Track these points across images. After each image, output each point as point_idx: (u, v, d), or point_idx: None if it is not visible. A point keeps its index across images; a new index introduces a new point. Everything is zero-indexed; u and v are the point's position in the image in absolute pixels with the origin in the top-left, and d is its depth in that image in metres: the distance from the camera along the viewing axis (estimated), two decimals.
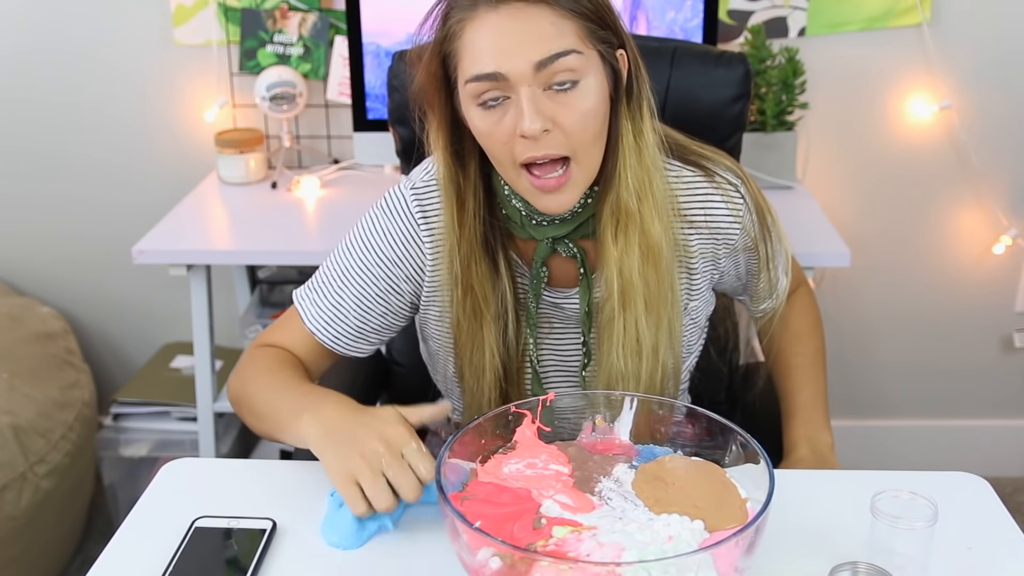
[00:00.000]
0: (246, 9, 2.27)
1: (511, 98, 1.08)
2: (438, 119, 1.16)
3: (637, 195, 1.15)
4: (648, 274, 1.17)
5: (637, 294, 1.17)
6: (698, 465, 1.02)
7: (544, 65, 1.05)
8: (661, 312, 1.20)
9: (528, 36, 1.05)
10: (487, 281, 1.21)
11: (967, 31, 2.25)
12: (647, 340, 1.19)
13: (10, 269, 2.51)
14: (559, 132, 1.08)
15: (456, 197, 1.18)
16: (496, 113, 1.09)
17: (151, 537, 1.06)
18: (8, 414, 1.97)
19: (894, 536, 0.96)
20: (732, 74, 1.59)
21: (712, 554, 0.84)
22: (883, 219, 2.40)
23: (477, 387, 1.25)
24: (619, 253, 1.16)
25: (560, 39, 1.06)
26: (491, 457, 1.03)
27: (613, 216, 1.16)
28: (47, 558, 2.11)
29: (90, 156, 2.41)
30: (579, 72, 1.07)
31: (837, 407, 2.54)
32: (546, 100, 1.07)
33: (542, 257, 1.22)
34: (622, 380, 1.21)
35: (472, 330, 1.22)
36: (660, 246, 1.17)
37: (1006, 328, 2.50)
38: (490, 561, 0.86)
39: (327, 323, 1.27)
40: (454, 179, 1.18)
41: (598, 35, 1.09)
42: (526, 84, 1.06)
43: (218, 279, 2.33)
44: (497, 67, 1.06)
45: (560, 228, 1.19)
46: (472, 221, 1.19)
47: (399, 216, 1.24)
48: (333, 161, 2.37)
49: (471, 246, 1.19)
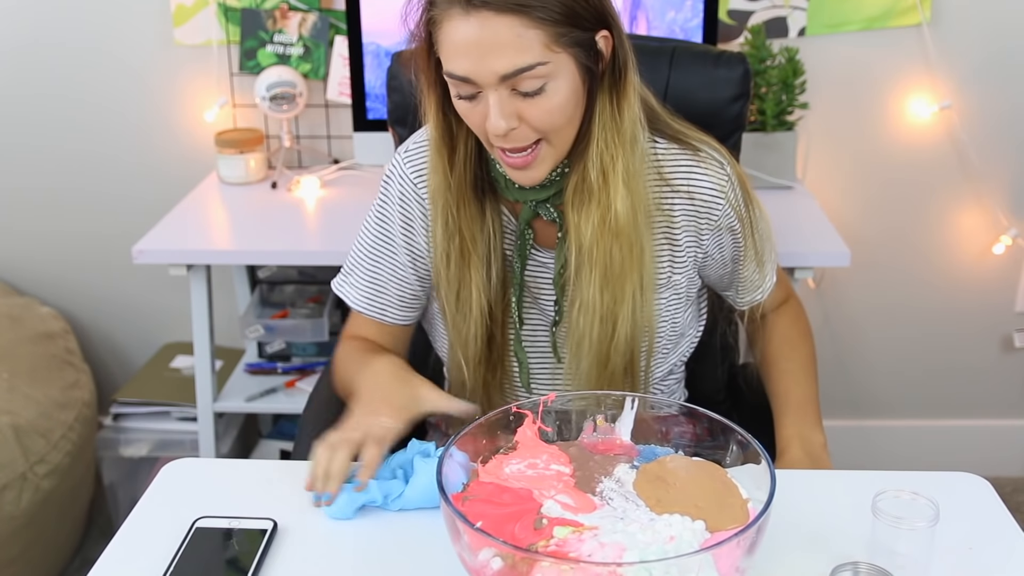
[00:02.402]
0: (246, 9, 2.27)
1: (483, 92, 1.13)
2: (429, 81, 1.21)
3: (602, 170, 1.19)
4: (609, 247, 1.22)
5: (595, 264, 1.23)
6: (699, 465, 1.02)
7: (508, 77, 1.10)
8: (624, 285, 1.24)
9: (495, 48, 1.09)
10: (475, 223, 1.27)
11: (967, 31, 2.25)
12: (602, 307, 1.24)
13: (10, 269, 2.51)
14: (526, 127, 1.14)
15: (448, 146, 1.24)
16: (470, 103, 1.15)
17: (151, 537, 1.06)
18: (8, 414, 1.97)
19: (895, 536, 0.96)
20: (732, 74, 1.59)
21: (713, 554, 0.84)
22: (883, 219, 2.40)
23: (464, 323, 1.31)
24: (578, 222, 1.22)
25: (526, 52, 1.09)
26: (492, 457, 1.03)
27: (575, 189, 1.22)
28: (47, 558, 2.11)
29: (90, 156, 2.41)
30: (547, 77, 1.11)
31: (837, 407, 2.56)
32: (513, 100, 1.12)
33: (526, 219, 1.29)
34: (582, 340, 1.27)
35: (460, 269, 1.29)
36: (623, 220, 1.21)
37: (1006, 328, 2.50)
38: (491, 561, 0.86)
39: (370, 300, 1.37)
40: (445, 132, 1.24)
41: (568, 38, 1.11)
42: (493, 88, 1.11)
43: (218, 279, 2.33)
44: (466, 72, 1.11)
45: (540, 193, 1.25)
46: (462, 166, 1.25)
47: (398, 180, 1.33)
48: (333, 161, 2.37)
49: (461, 189, 1.25)
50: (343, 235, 2.03)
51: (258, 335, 2.27)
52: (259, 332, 2.26)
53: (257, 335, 2.27)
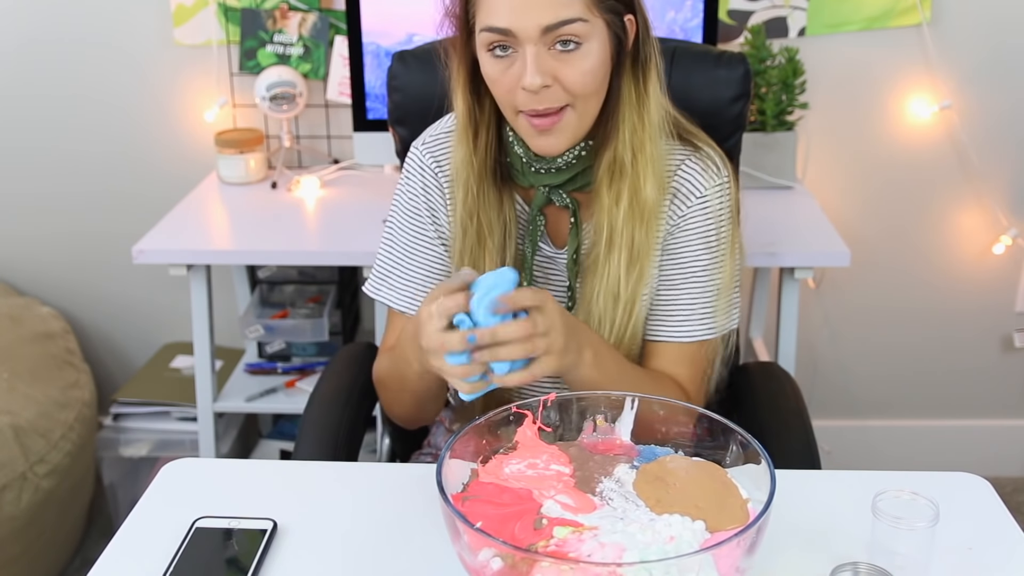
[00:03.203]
0: (246, 9, 2.27)
1: (518, 51, 1.16)
2: (459, 58, 1.24)
3: (632, 151, 1.23)
4: (635, 228, 1.25)
5: (623, 243, 1.25)
6: (699, 465, 1.02)
7: (551, 29, 1.14)
8: (643, 267, 1.27)
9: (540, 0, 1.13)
10: (492, 209, 1.29)
11: (967, 31, 2.25)
12: (625, 289, 1.26)
13: (10, 269, 2.51)
14: (558, 87, 1.17)
15: (473, 129, 1.27)
16: (504, 62, 1.17)
17: (151, 537, 1.06)
18: (8, 414, 1.97)
19: (895, 536, 0.96)
20: (732, 74, 1.59)
21: (714, 555, 0.84)
22: (883, 219, 2.41)
23: None
24: (610, 202, 1.25)
25: (569, 6, 1.14)
26: (492, 457, 1.03)
27: (609, 168, 1.24)
28: (47, 558, 2.11)
29: (90, 156, 2.41)
30: (583, 37, 1.15)
31: (837, 407, 2.56)
32: (549, 58, 1.15)
33: (539, 205, 1.30)
34: (600, 323, 1.28)
35: (475, 256, 1.30)
36: (648, 203, 1.25)
37: (1006, 328, 2.50)
38: (491, 562, 0.86)
39: (412, 298, 1.36)
40: (471, 113, 1.27)
41: (606, 4, 1.17)
42: (532, 43, 1.14)
43: (218, 279, 2.33)
44: (508, 23, 1.14)
45: (556, 177, 1.27)
46: (484, 152, 1.28)
47: (418, 172, 1.36)
48: (333, 161, 2.37)
49: (481, 175, 1.28)
50: (343, 235, 2.04)
51: (258, 335, 2.27)
52: (259, 332, 2.26)
53: (257, 335, 2.27)
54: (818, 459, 1.40)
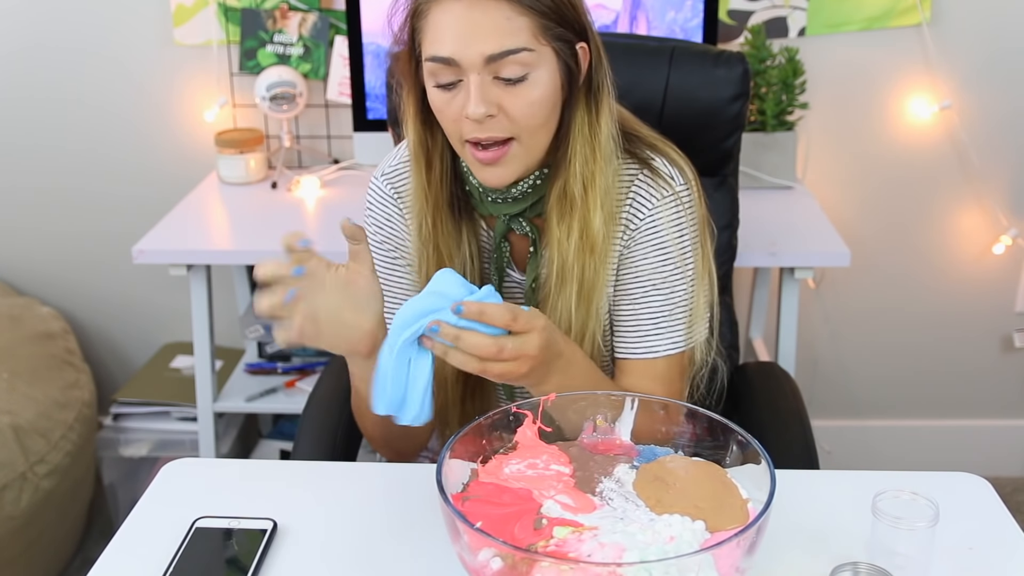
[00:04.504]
0: (246, 9, 2.27)
1: (463, 81, 1.13)
2: (408, 87, 1.21)
3: (583, 183, 1.19)
4: (584, 261, 1.22)
5: (572, 278, 1.22)
6: (699, 465, 1.02)
7: (495, 59, 1.11)
8: (592, 299, 1.24)
9: (484, 28, 1.10)
10: (451, 238, 1.27)
11: (967, 31, 2.25)
12: (576, 323, 1.24)
13: (10, 269, 2.51)
14: (503, 117, 1.14)
15: (425, 159, 1.24)
16: (449, 93, 1.14)
17: (151, 537, 1.06)
18: (8, 414, 1.97)
19: (895, 536, 0.96)
20: (731, 73, 1.59)
21: (713, 555, 0.84)
22: (883, 219, 2.40)
23: None
24: (561, 236, 1.21)
25: (514, 36, 1.11)
26: (492, 457, 1.03)
27: (559, 200, 1.21)
28: (47, 558, 2.11)
29: (90, 156, 2.41)
30: (529, 67, 1.13)
31: (837, 407, 2.56)
32: (494, 87, 1.13)
33: (501, 233, 1.27)
34: None
35: None
36: (598, 236, 1.21)
37: (1006, 328, 2.50)
38: (491, 562, 0.86)
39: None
40: (423, 142, 1.24)
41: (554, 32, 1.14)
42: (476, 71, 1.11)
43: (218, 279, 2.33)
44: (451, 53, 1.11)
45: (513, 206, 1.24)
46: (438, 182, 1.25)
47: (380, 203, 1.33)
48: (333, 161, 2.37)
49: (437, 205, 1.25)
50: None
51: (258, 335, 2.27)
52: (259, 332, 2.26)
53: (257, 335, 2.27)
54: (817, 459, 1.40)
